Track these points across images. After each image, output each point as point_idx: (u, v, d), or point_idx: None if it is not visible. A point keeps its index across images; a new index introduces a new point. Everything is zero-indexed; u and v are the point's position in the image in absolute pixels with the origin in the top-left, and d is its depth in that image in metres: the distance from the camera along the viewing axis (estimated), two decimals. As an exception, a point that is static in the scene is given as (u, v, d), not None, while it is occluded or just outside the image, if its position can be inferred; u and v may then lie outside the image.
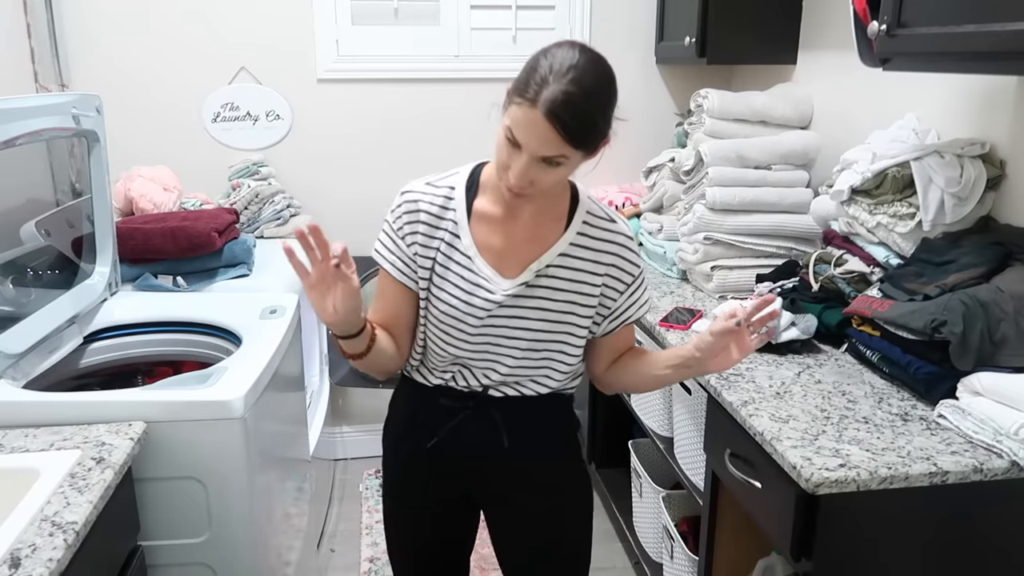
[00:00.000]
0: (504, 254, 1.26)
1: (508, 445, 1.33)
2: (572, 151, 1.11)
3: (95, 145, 1.87)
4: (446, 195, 1.28)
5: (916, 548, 1.30)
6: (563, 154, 1.11)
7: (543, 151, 1.11)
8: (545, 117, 1.07)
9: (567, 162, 1.13)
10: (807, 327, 1.75)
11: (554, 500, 1.40)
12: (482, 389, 1.32)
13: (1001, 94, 1.71)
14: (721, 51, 2.51)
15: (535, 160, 1.12)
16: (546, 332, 1.27)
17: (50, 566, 1.03)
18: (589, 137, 1.12)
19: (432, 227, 1.26)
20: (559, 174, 1.15)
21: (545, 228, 1.27)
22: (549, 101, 1.07)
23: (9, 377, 1.55)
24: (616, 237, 1.29)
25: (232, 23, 2.74)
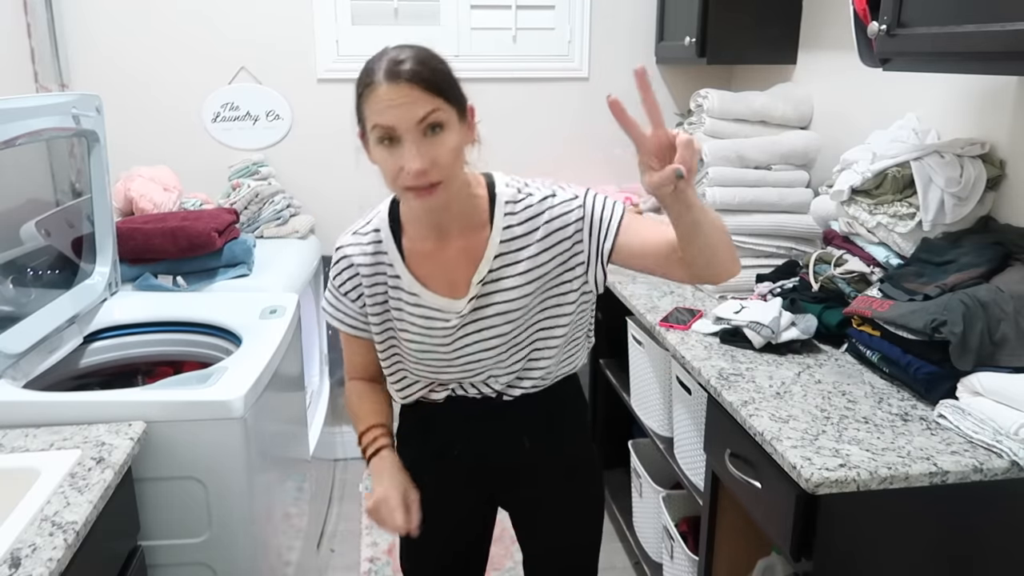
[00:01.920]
0: (448, 279, 1.24)
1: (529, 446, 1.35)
2: (438, 101, 1.07)
3: (95, 145, 1.87)
4: (374, 240, 1.26)
5: (916, 548, 1.30)
6: (433, 107, 1.07)
7: (414, 113, 1.06)
8: (389, 81, 1.06)
9: (447, 120, 1.09)
10: (807, 327, 1.75)
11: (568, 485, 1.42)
12: (495, 395, 1.32)
13: (1001, 94, 1.71)
14: (721, 51, 2.51)
15: (416, 134, 1.07)
16: (521, 329, 1.25)
17: (50, 566, 1.04)
18: (441, 81, 1.09)
19: (371, 276, 1.26)
20: (449, 142, 1.09)
21: (475, 239, 1.23)
22: (385, 67, 1.06)
23: (9, 377, 1.55)
24: (538, 208, 1.22)
25: (232, 23, 2.75)
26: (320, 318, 2.77)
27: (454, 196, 1.18)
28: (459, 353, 1.26)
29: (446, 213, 1.20)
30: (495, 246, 1.22)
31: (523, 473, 1.39)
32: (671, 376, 2.00)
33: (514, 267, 1.23)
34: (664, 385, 2.11)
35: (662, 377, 2.12)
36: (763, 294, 1.98)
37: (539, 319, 1.26)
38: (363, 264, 1.26)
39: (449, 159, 1.10)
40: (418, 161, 1.07)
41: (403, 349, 1.29)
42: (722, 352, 1.75)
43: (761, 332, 1.73)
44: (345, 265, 1.27)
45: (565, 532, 1.46)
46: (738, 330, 1.77)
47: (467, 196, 1.21)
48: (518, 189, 1.24)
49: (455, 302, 1.23)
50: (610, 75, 2.97)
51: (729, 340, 1.79)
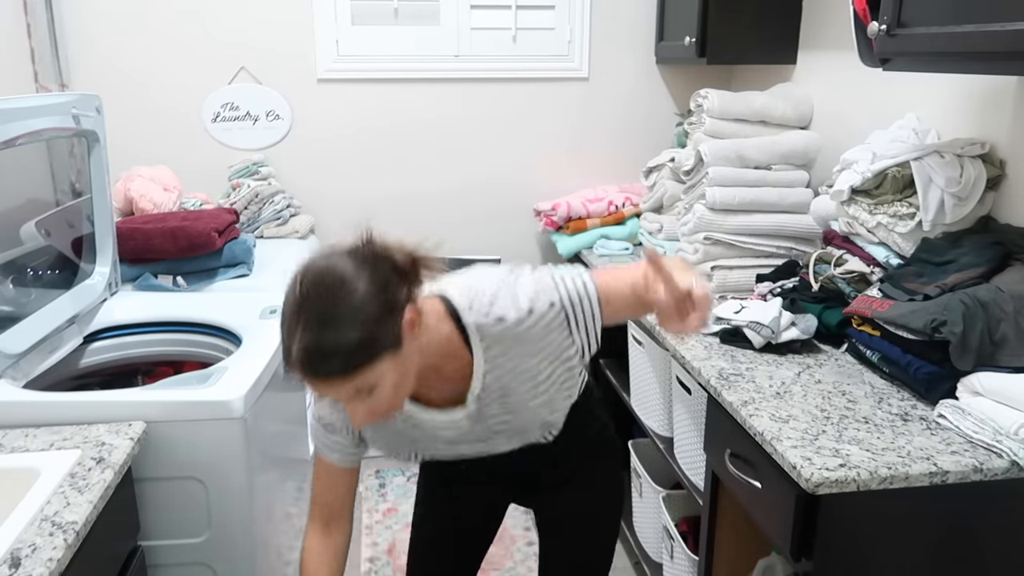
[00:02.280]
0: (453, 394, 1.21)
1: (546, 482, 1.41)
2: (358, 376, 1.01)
3: (95, 145, 1.87)
4: None
5: (916, 548, 1.30)
6: (355, 388, 1.02)
7: (340, 396, 1.04)
8: (310, 380, 1.02)
9: (375, 381, 1.03)
10: (807, 327, 1.75)
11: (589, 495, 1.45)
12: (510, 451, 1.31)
13: (1001, 94, 1.71)
14: (721, 51, 2.51)
15: (353, 402, 1.05)
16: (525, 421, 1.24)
17: (50, 566, 1.04)
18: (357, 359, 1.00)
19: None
20: (384, 390, 1.04)
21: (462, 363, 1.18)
22: (297, 366, 1.01)
23: (9, 377, 1.55)
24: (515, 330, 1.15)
25: (232, 23, 2.75)
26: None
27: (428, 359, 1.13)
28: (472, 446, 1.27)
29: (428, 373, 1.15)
30: (480, 371, 1.17)
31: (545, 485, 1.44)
32: (671, 376, 2.00)
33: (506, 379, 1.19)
34: (664, 385, 2.11)
35: (662, 377, 2.12)
36: (763, 294, 1.98)
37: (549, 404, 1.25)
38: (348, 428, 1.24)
39: (391, 399, 1.07)
40: (360, 420, 1.06)
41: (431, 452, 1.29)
42: (722, 352, 1.75)
43: (761, 332, 1.73)
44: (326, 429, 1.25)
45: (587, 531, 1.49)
46: (738, 330, 1.77)
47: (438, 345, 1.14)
48: (485, 313, 1.15)
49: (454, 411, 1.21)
50: (610, 75, 2.97)
51: (729, 340, 1.79)
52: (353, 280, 1.00)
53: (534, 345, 1.17)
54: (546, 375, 1.21)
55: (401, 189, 2.94)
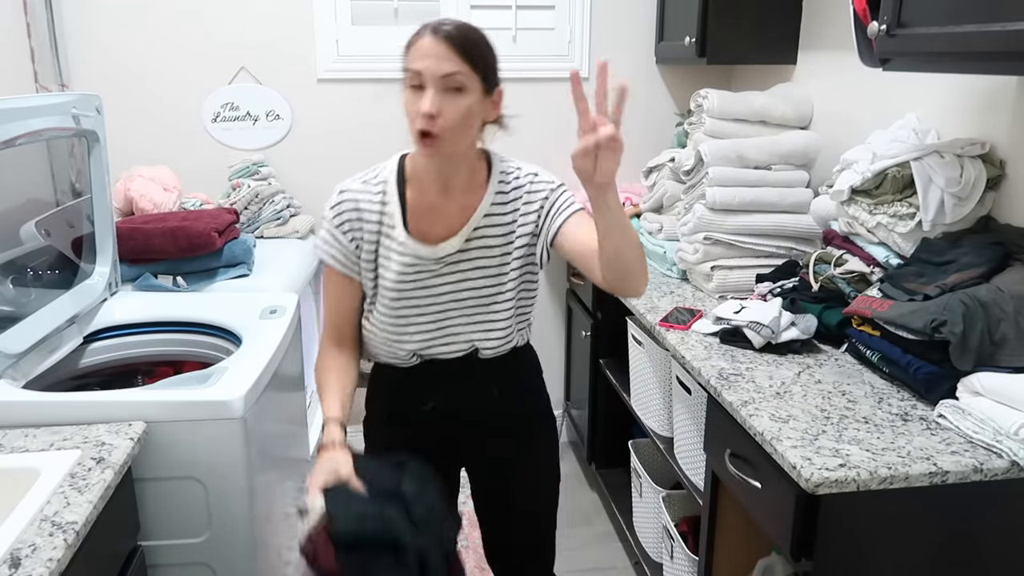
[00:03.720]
0: (442, 231, 1.37)
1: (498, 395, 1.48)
2: (466, 68, 1.23)
3: (95, 145, 1.87)
4: (382, 190, 1.39)
5: (916, 548, 1.30)
6: (459, 71, 1.22)
7: (440, 68, 1.22)
8: (432, 36, 1.24)
9: (467, 85, 1.24)
10: (807, 327, 1.75)
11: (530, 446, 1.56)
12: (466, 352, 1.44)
13: (1001, 94, 1.71)
14: (721, 51, 2.51)
15: (438, 86, 1.23)
16: (492, 286, 1.40)
17: (50, 566, 1.04)
18: (475, 52, 1.24)
19: (370, 222, 1.38)
20: (464, 102, 1.24)
21: (473, 197, 1.38)
22: (433, 25, 1.25)
23: (9, 377, 1.55)
24: (523, 180, 1.40)
25: (232, 23, 2.75)
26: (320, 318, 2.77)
27: (462, 157, 1.34)
28: (433, 300, 1.39)
29: (453, 171, 1.35)
30: (487, 204, 1.38)
31: (490, 427, 1.50)
32: (671, 376, 2.00)
33: (498, 228, 1.38)
34: (664, 385, 2.11)
35: (662, 377, 2.12)
36: (763, 294, 1.98)
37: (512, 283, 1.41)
38: (366, 209, 1.38)
39: (457, 117, 1.24)
40: (428, 105, 1.22)
41: (383, 298, 1.40)
42: (722, 352, 1.75)
43: (761, 332, 1.73)
44: (348, 206, 1.38)
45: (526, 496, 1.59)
46: (738, 330, 1.77)
47: (472, 160, 1.38)
48: (513, 163, 1.42)
49: (440, 247, 1.36)
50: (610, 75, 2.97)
51: (729, 340, 1.79)
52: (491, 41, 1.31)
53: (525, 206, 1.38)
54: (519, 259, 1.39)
55: (401, 189, 2.94)
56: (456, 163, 1.35)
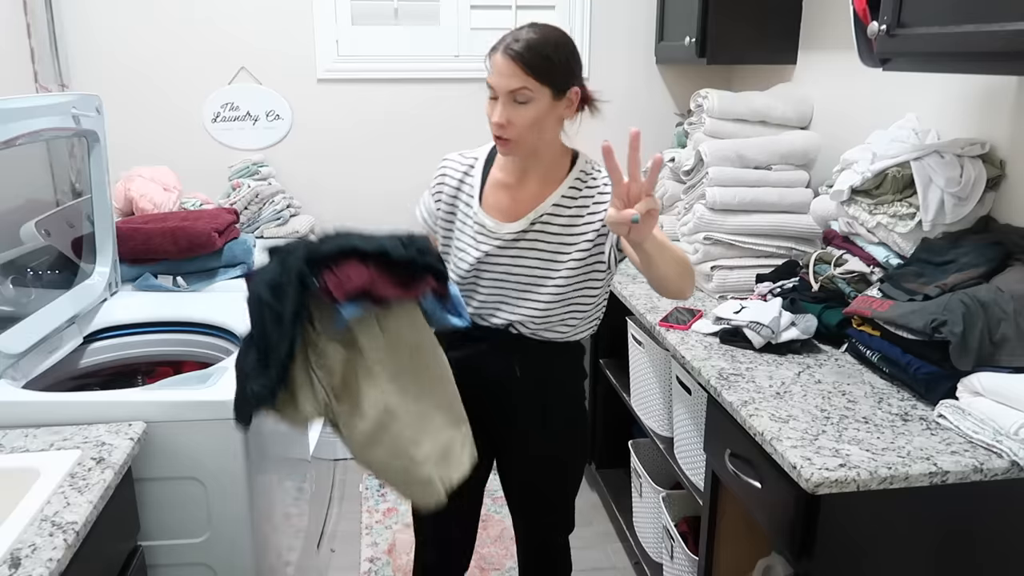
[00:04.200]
0: (511, 211, 1.49)
1: (520, 375, 1.54)
2: (531, 82, 1.36)
3: (95, 145, 1.87)
4: (470, 164, 1.55)
5: (916, 548, 1.30)
6: (525, 86, 1.36)
7: (508, 85, 1.36)
8: (502, 54, 1.37)
9: (534, 97, 1.37)
10: (807, 327, 1.75)
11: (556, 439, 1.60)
12: (503, 327, 1.52)
13: (1001, 94, 1.71)
14: (721, 51, 2.51)
15: (507, 99, 1.37)
16: (548, 275, 1.48)
17: (50, 566, 1.04)
18: (541, 66, 1.36)
19: (456, 189, 1.55)
20: (531, 112, 1.37)
21: (546, 188, 1.49)
22: (505, 43, 1.38)
23: (9, 377, 1.55)
24: (601, 182, 1.48)
25: (232, 23, 2.75)
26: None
27: (543, 151, 1.46)
28: (491, 272, 1.50)
29: (533, 163, 1.48)
30: (558, 196, 1.48)
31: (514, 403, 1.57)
32: (671, 376, 2.00)
33: (564, 219, 1.47)
34: (664, 385, 2.11)
35: (662, 377, 2.12)
36: (763, 294, 1.98)
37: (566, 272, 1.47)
38: (454, 177, 1.55)
39: (524, 124, 1.39)
40: (498, 116, 1.39)
41: (452, 261, 1.54)
42: (722, 352, 1.75)
43: (761, 332, 1.73)
44: (442, 172, 1.57)
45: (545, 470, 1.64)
46: (738, 330, 1.77)
47: (554, 155, 1.49)
48: (594, 166, 1.51)
49: (505, 225, 1.48)
50: (610, 75, 2.97)
51: (729, 340, 1.79)
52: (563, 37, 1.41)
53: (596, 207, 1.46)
54: (580, 253, 1.46)
55: (401, 188, 2.94)
56: (535, 157, 1.47)
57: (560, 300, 1.49)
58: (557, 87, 1.38)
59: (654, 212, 1.19)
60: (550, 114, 1.40)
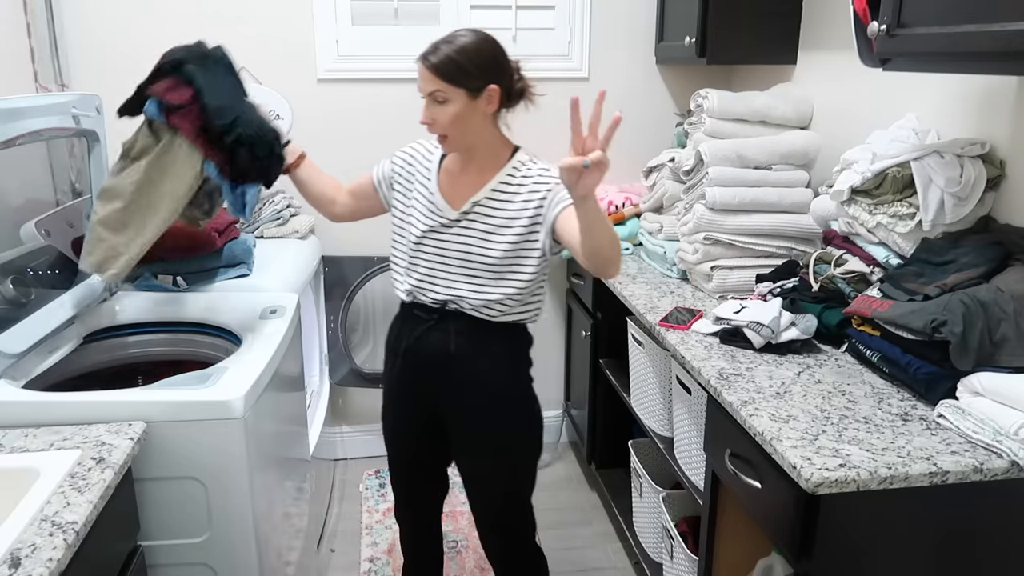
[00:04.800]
0: (456, 194, 1.67)
1: (454, 351, 1.68)
2: (444, 85, 1.54)
3: (95, 145, 1.87)
4: (431, 151, 1.76)
5: (916, 548, 1.30)
6: (438, 88, 1.55)
7: (425, 88, 1.57)
8: (419, 62, 1.57)
9: (449, 97, 1.55)
10: (807, 327, 1.75)
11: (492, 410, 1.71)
12: (442, 303, 1.67)
13: (1001, 94, 1.71)
14: (721, 51, 2.51)
15: (429, 100, 1.58)
16: (481, 255, 1.63)
17: (50, 566, 1.04)
18: (452, 71, 1.53)
19: (415, 167, 1.75)
20: (448, 111, 1.56)
21: (484, 176, 1.66)
22: (424, 52, 1.56)
23: (9, 377, 1.55)
24: (533, 172, 1.64)
25: (232, 23, 2.74)
26: (320, 318, 2.77)
27: (479, 145, 1.64)
28: (437, 246, 1.67)
29: (471, 154, 1.66)
30: (496, 182, 1.65)
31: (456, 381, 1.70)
32: (671, 376, 2.00)
33: (500, 203, 1.64)
34: (664, 385, 2.11)
35: (662, 377, 2.12)
36: (763, 294, 1.98)
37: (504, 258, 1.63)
38: (415, 157, 1.77)
39: (445, 121, 1.57)
40: (422, 116, 1.60)
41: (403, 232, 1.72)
42: (722, 352, 1.75)
43: (761, 332, 1.73)
44: (407, 151, 1.79)
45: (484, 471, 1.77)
46: (738, 330, 1.78)
47: (492, 148, 1.66)
48: (532, 159, 1.68)
49: (449, 207, 1.66)
50: (610, 75, 2.97)
51: (729, 340, 1.80)
52: (480, 44, 1.56)
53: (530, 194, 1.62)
54: (514, 236, 1.62)
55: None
56: (472, 151, 1.65)
57: (493, 278, 1.64)
58: (471, 88, 1.55)
59: (603, 165, 1.29)
60: (471, 111, 1.57)
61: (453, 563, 2.50)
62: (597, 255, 1.44)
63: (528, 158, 1.68)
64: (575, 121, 1.31)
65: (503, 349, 1.70)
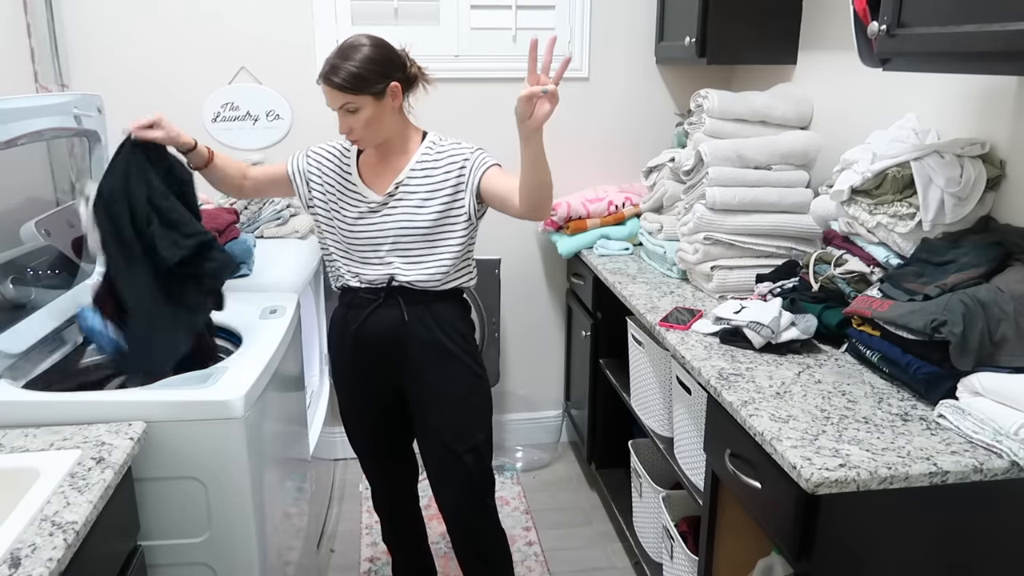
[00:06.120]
0: (379, 181, 1.82)
1: (408, 319, 1.81)
2: (351, 96, 1.69)
3: (96, 145, 1.87)
4: (347, 148, 1.88)
5: (916, 548, 1.30)
6: (345, 100, 1.69)
7: (335, 103, 1.71)
8: (323, 82, 1.70)
9: (359, 106, 1.70)
10: (807, 327, 1.75)
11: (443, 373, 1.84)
12: (386, 281, 1.81)
13: (1001, 94, 1.71)
14: (721, 51, 2.51)
15: (341, 113, 1.72)
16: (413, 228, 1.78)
17: (50, 566, 1.04)
18: (353, 83, 1.67)
19: (332, 165, 1.87)
20: (361, 118, 1.71)
21: (402, 160, 1.82)
22: (323, 72, 1.70)
23: (9, 377, 1.55)
24: (447, 149, 1.82)
25: (232, 23, 2.74)
26: (320, 318, 2.77)
27: (392, 136, 1.80)
28: (369, 230, 1.80)
29: (386, 145, 1.82)
30: (413, 162, 1.81)
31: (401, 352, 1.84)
32: (671, 376, 2.00)
33: (420, 182, 1.79)
34: (664, 385, 2.11)
35: (662, 377, 2.12)
36: (763, 294, 1.98)
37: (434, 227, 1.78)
38: (332, 153, 1.89)
39: (361, 126, 1.73)
40: (341, 128, 1.75)
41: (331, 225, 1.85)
42: (722, 352, 1.75)
43: (761, 332, 1.73)
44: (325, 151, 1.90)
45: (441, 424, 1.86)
46: (738, 330, 1.78)
47: (404, 136, 1.83)
48: (440, 139, 1.85)
49: (376, 193, 1.81)
50: (610, 75, 2.97)
51: (729, 340, 1.80)
52: (371, 50, 1.70)
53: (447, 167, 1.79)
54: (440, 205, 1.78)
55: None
56: (387, 143, 1.81)
57: (427, 248, 1.79)
58: (376, 92, 1.70)
59: (555, 97, 1.49)
60: (380, 111, 1.72)
61: (452, 562, 2.50)
62: (539, 189, 1.63)
63: (438, 138, 1.85)
64: (532, 61, 1.49)
65: (449, 312, 1.85)
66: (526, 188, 1.64)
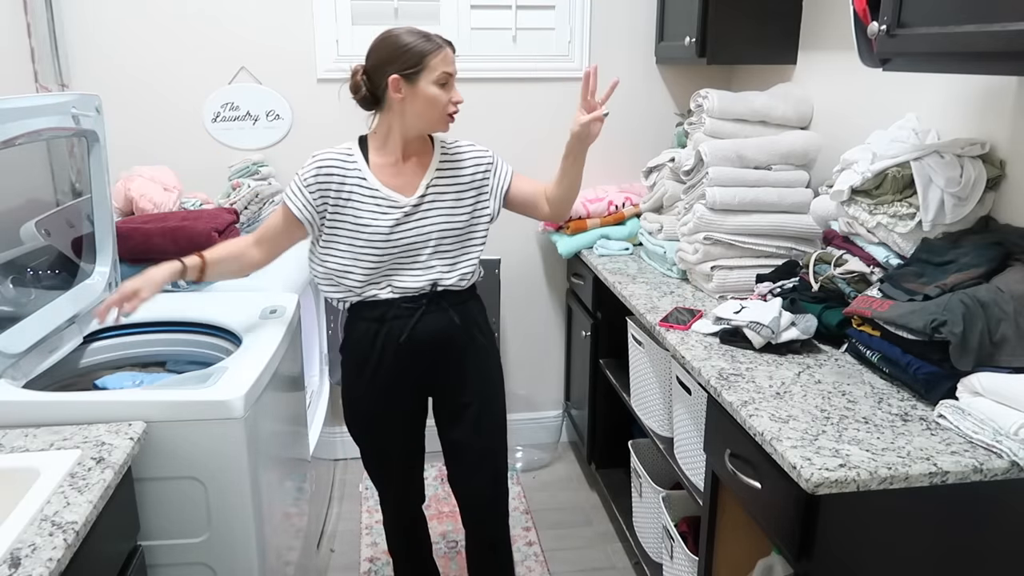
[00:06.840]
0: (403, 184, 1.75)
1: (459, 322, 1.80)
2: None
3: (95, 145, 1.87)
4: (348, 154, 1.76)
5: (916, 548, 1.30)
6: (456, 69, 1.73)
7: (453, 70, 1.72)
8: (451, 48, 1.72)
9: None
10: (807, 327, 1.75)
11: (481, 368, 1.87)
12: (429, 287, 1.76)
13: (1001, 94, 1.71)
14: (721, 51, 2.51)
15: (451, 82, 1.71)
16: (453, 229, 1.76)
17: (50, 566, 1.04)
18: None
19: (342, 177, 1.73)
20: None
21: (424, 160, 1.79)
22: (444, 41, 1.71)
23: (9, 377, 1.55)
24: (465, 150, 1.83)
25: (232, 23, 2.75)
26: (320, 318, 2.77)
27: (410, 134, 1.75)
28: (409, 236, 1.73)
29: (415, 142, 1.77)
30: (437, 162, 1.79)
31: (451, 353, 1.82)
32: (671, 376, 2.00)
33: (450, 182, 1.78)
34: (664, 385, 2.11)
35: (662, 377, 2.12)
36: (763, 294, 1.98)
37: (467, 227, 1.79)
38: (337, 169, 1.73)
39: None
40: (456, 96, 1.73)
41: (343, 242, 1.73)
42: (722, 352, 1.75)
43: (761, 332, 1.73)
44: (322, 167, 1.72)
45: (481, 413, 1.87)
46: (738, 330, 1.77)
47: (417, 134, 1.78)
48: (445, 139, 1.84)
49: (406, 197, 1.74)
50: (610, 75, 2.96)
51: (729, 340, 1.80)
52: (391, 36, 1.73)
53: (472, 168, 1.81)
54: (468, 204, 1.79)
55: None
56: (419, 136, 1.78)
57: (460, 248, 1.79)
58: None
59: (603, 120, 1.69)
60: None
61: (452, 563, 2.50)
62: (569, 193, 1.80)
63: (442, 137, 1.84)
64: (586, 88, 1.67)
65: (478, 310, 1.89)
66: (564, 196, 1.79)
